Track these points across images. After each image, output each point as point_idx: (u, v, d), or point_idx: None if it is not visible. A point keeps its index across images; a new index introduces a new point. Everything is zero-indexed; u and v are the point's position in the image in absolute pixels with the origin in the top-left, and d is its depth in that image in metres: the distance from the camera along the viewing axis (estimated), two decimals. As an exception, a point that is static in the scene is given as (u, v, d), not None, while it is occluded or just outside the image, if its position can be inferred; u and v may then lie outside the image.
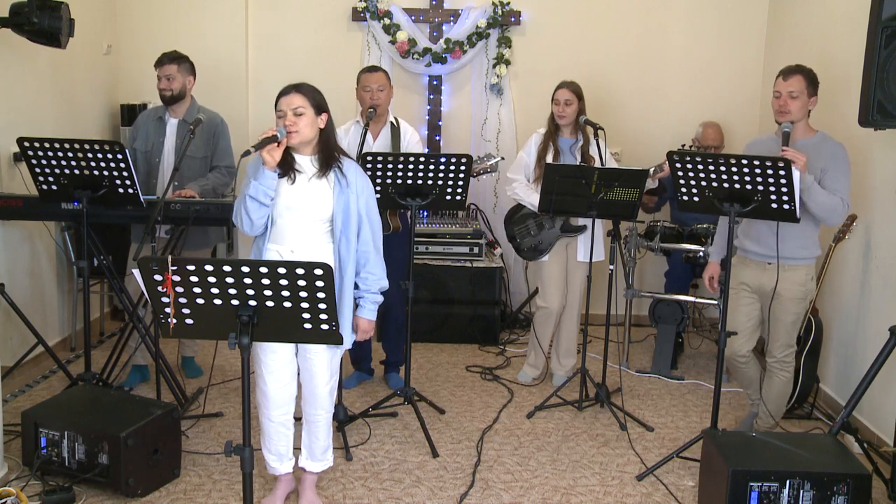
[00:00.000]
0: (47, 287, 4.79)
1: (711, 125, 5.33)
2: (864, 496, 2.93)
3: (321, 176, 3.01)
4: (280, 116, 2.94)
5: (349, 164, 3.07)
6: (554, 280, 4.56)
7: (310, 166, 3.02)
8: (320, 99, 3.01)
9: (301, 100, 2.94)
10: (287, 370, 3.09)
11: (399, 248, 4.25)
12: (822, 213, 3.48)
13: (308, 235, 3.02)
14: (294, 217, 3.00)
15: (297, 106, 2.93)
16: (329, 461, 3.27)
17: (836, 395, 4.36)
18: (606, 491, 3.45)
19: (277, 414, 3.11)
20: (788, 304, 3.61)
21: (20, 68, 4.41)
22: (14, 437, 3.60)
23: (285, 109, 2.93)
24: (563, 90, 4.37)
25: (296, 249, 3.00)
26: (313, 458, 3.22)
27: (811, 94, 3.53)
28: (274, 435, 3.15)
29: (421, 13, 5.75)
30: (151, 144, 4.27)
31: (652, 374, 4.90)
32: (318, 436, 3.19)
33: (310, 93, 2.98)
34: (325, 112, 3.01)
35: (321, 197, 3.00)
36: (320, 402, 3.13)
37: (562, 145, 4.43)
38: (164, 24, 5.65)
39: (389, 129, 4.29)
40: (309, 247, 3.02)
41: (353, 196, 3.02)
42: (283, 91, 2.97)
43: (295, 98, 2.94)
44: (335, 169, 3.02)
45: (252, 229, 2.99)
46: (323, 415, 3.16)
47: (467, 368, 4.94)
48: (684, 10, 5.76)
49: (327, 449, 3.24)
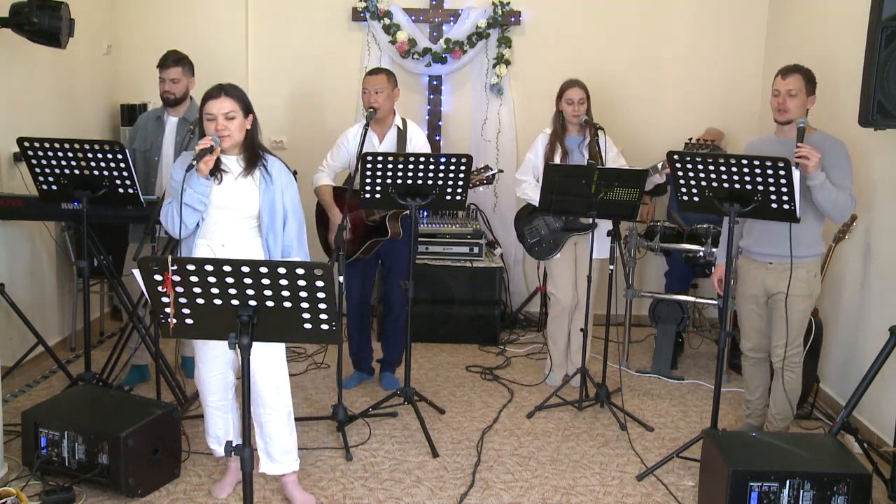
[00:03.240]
0: (47, 287, 4.79)
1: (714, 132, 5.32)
2: (864, 496, 2.93)
3: (247, 174, 3.07)
4: (210, 120, 2.98)
5: (272, 161, 3.14)
6: (564, 277, 4.56)
7: (236, 165, 3.08)
8: (247, 100, 3.07)
9: (232, 104, 2.99)
10: (221, 360, 3.15)
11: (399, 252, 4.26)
12: (833, 211, 3.49)
13: (237, 231, 3.10)
14: (222, 215, 3.07)
15: (228, 110, 2.98)
16: (290, 464, 3.21)
17: (836, 395, 4.35)
18: (606, 491, 3.45)
19: (213, 399, 3.20)
20: (794, 302, 3.60)
21: (20, 68, 4.41)
22: (14, 437, 3.59)
23: (215, 114, 2.97)
24: (575, 89, 4.37)
25: (226, 244, 3.09)
26: (271, 461, 3.19)
27: (809, 92, 3.54)
28: (209, 419, 3.24)
29: (421, 13, 5.75)
30: (150, 144, 4.27)
31: (652, 374, 4.90)
32: (270, 435, 3.16)
33: (238, 96, 3.02)
34: (252, 113, 3.07)
35: (247, 195, 3.08)
36: (264, 399, 3.13)
37: (570, 144, 4.44)
38: (164, 24, 5.64)
39: (395, 131, 4.29)
40: (238, 242, 3.10)
41: (279, 193, 3.10)
42: (212, 94, 3.00)
43: (226, 102, 2.98)
44: (260, 167, 3.09)
45: (185, 232, 3.04)
46: (271, 414, 3.14)
47: (467, 368, 4.94)
48: (684, 10, 5.76)
49: (287, 451, 3.19)
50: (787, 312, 3.57)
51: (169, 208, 3.03)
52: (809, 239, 3.58)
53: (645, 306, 5.41)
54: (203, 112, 3.01)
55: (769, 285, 3.66)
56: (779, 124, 3.62)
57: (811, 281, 3.64)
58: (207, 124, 3.00)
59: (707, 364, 5.14)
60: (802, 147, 3.30)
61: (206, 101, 3.00)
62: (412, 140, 4.28)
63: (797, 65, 3.58)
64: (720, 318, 3.86)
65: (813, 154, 3.28)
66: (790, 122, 3.52)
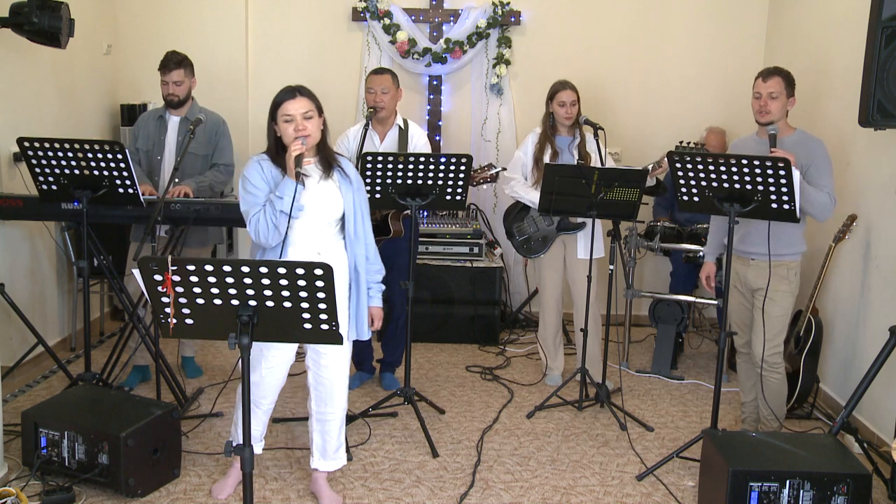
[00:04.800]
0: (47, 287, 4.79)
1: (716, 131, 5.33)
2: (864, 496, 2.93)
3: (327, 177, 3.04)
4: (288, 121, 2.92)
5: (345, 162, 3.15)
6: (550, 276, 4.59)
7: (314, 169, 3.05)
8: (318, 100, 3.04)
9: (308, 103, 2.95)
10: (284, 366, 3.16)
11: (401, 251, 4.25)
12: (813, 210, 3.53)
13: (322, 237, 3.06)
14: (307, 220, 3.02)
15: (306, 110, 2.94)
16: (342, 459, 3.28)
17: (836, 395, 4.35)
18: (606, 491, 3.45)
19: (266, 402, 3.18)
20: (775, 297, 3.64)
21: (20, 68, 4.41)
22: (14, 437, 3.59)
23: (294, 114, 2.92)
24: (567, 91, 4.37)
25: (322, 251, 3.04)
26: (325, 458, 3.24)
27: (789, 94, 3.62)
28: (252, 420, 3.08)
29: (421, 13, 5.75)
30: (153, 143, 4.27)
31: (652, 374, 4.90)
32: (332, 434, 3.21)
33: (312, 96, 3.00)
34: (323, 113, 3.05)
35: (331, 198, 3.05)
36: (335, 400, 3.17)
37: (560, 144, 4.44)
38: (164, 25, 5.65)
39: (397, 131, 4.29)
40: (329, 248, 3.06)
41: (359, 193, 3.11)
42: (286, 95, 2.95)
43: (302, 102, 2.94)
44: (337, 168, 3.07)
45: (278, 239, 2.97)
46: (335, 413, 3.19)
47: (467, 368, 4.94)
48: (684, 11, 5.76)
49: (340, 447, 3.26)
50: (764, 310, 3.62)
51: (259, 219, 2.93)
52: (791, 238, 3.63)
53: (645, 306, 5.42)
54: (278, 115, 2.93)
55: (750, 281, 3.73)
56: (760, 125, 3.69)
57: (791, 279, 3.68)
58: (285, 126, 2.92)
59: (707, 364, 5.14)
60: (776, 151, 3.36)
61: (280, 104, 2.93)
62: (413, 139, 4.28)
63: (777, 67, 3.66)
64: (720, 318, 3.86)
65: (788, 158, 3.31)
66: (771, 122, 3.58)
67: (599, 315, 4.58)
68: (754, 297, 3.73)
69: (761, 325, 3.67)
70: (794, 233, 3.64)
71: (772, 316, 3.66)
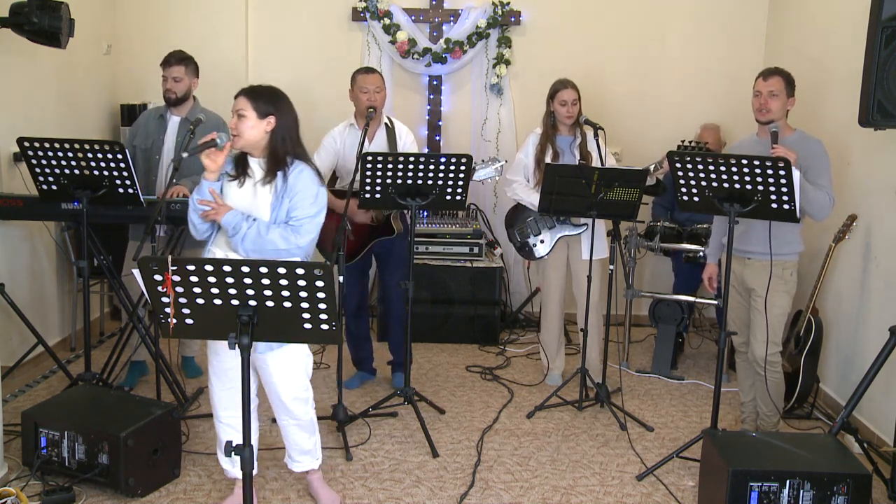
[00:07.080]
0: (47, 287, 4.79)
1: (710, 128, 5.33)
2: (864, 496, 2.93)
3: (265, 182, 2.95)
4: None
5: (296, 170, 2.95)
6: (553, 278, 4.57)
7: (258, 169, 2.99)
8: (267, 102, 2.92)
9: (243, 102, 2.92)
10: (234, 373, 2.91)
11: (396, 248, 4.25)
12: (812, 210, 3.55)
13: None
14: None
15: (239, 108, 2.93)
16: (308, 463, 3.22)
17: (836, 395, 4.35)
18: (606, 491, 3.45)
19: (225, 415, 3.07)
20: (772, 297, 3.65)
21: (20, 68, 4.41)
22: (14, 437, 3.59)
23: (233, 111, 2.95)
24: (569, 90, 4.36)
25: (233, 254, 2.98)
26: (291, 460, 3.23)
27: (789, 94, 3.64)
28: (222, 436, 3.10)
29: (421, 13, 5.75)
30: (151, 142, 4.26)
31: (652, 374, 4.90)
32: (292, 439, 3.18)
33: (255, 95, 2.93)
34: (272, 115, 2.92)
35: (261, 205, 2.95)
36: (286, 410, 3.09)
37: (561, 144, 4.43)
38: (164, 24, 5.65)
39: (385, 130, 4.28)
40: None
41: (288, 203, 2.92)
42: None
43: (239, 101, 2.94)
44: (280, 174, 2.94)
45: (201, 235, 3.02)
46: (290, 422, 3.14)
47: (467, 368, 4.94)
48: (684, 11, 5.76)
49: (307, 452, 3.21)
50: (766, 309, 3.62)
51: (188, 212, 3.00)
52: (788, 237, 3.64)
53: (645, 306, 5.42)
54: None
55: (746, 280, 3.74)
56: (760, 124, 3.70)
57: (788, 279, 3.69)
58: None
59: (707, 364, 5.14)
60: (777, 148, 3.35)
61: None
62: (401, 138, 4.28)
63: (777, 67, 3.68)
64: (720, 318, 3.86)
65: (789, 155, 3.31)
66: (771, 121, 3.59)
67: (601, 316, 4.57)
68: (751, 297, 3.74)
69: (758, 325, 3.67)
70: (791, 232, 3.65)
71: (771, 315, 3.66)
